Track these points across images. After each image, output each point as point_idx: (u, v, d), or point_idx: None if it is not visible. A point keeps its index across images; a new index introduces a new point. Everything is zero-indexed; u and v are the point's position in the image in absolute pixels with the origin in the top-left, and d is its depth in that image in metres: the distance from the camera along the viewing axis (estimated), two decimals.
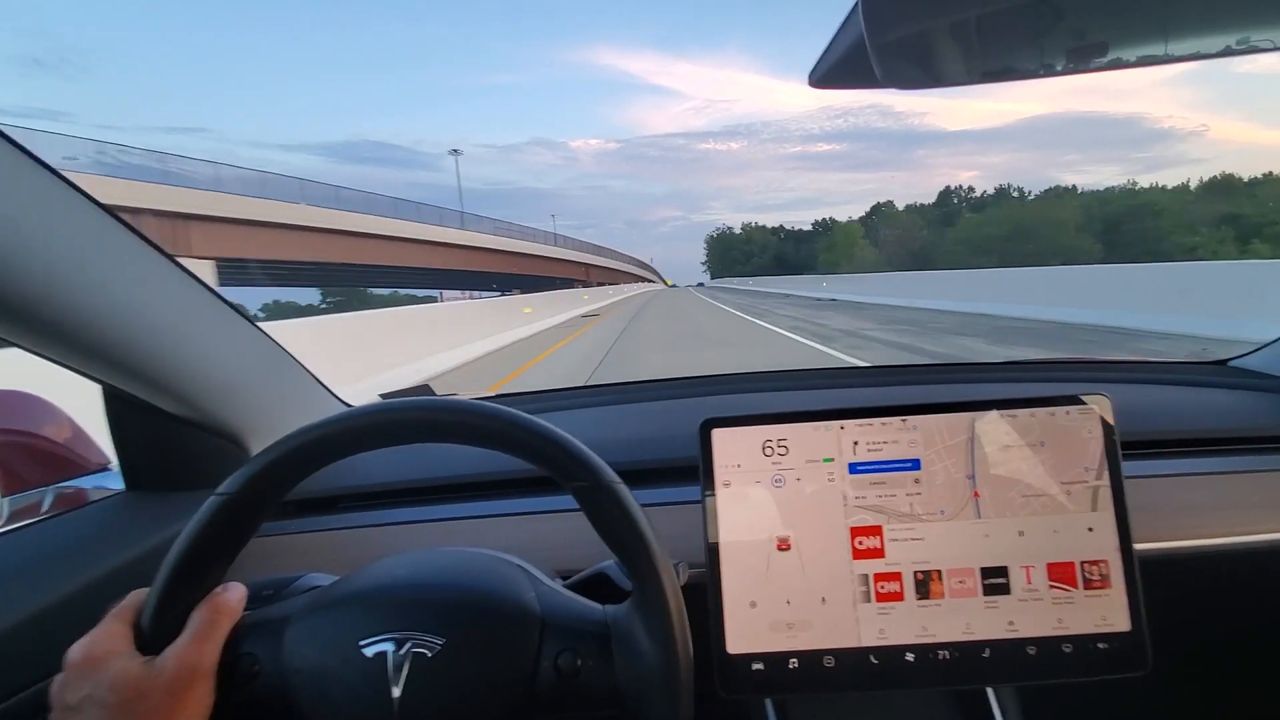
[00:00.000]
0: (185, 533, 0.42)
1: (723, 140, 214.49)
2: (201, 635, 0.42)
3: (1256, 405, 0.84)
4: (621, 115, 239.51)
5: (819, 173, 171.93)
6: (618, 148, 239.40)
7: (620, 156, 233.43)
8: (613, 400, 1.02)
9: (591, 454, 0.44)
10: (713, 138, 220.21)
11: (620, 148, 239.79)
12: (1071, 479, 0.56)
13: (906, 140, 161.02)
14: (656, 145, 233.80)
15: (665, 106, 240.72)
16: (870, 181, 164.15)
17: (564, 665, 0.43)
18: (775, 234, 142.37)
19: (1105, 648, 0.53)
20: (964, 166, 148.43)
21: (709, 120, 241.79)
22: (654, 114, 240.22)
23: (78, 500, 0.77)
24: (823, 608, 0.55)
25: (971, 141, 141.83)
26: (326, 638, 0.43)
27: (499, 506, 0.73)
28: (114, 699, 0.39)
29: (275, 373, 0.78)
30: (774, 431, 0.57)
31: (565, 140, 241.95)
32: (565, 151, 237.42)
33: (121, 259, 0.57)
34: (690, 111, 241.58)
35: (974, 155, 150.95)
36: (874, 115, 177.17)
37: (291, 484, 0.45)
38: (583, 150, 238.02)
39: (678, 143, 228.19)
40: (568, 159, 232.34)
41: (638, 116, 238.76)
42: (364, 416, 0.44)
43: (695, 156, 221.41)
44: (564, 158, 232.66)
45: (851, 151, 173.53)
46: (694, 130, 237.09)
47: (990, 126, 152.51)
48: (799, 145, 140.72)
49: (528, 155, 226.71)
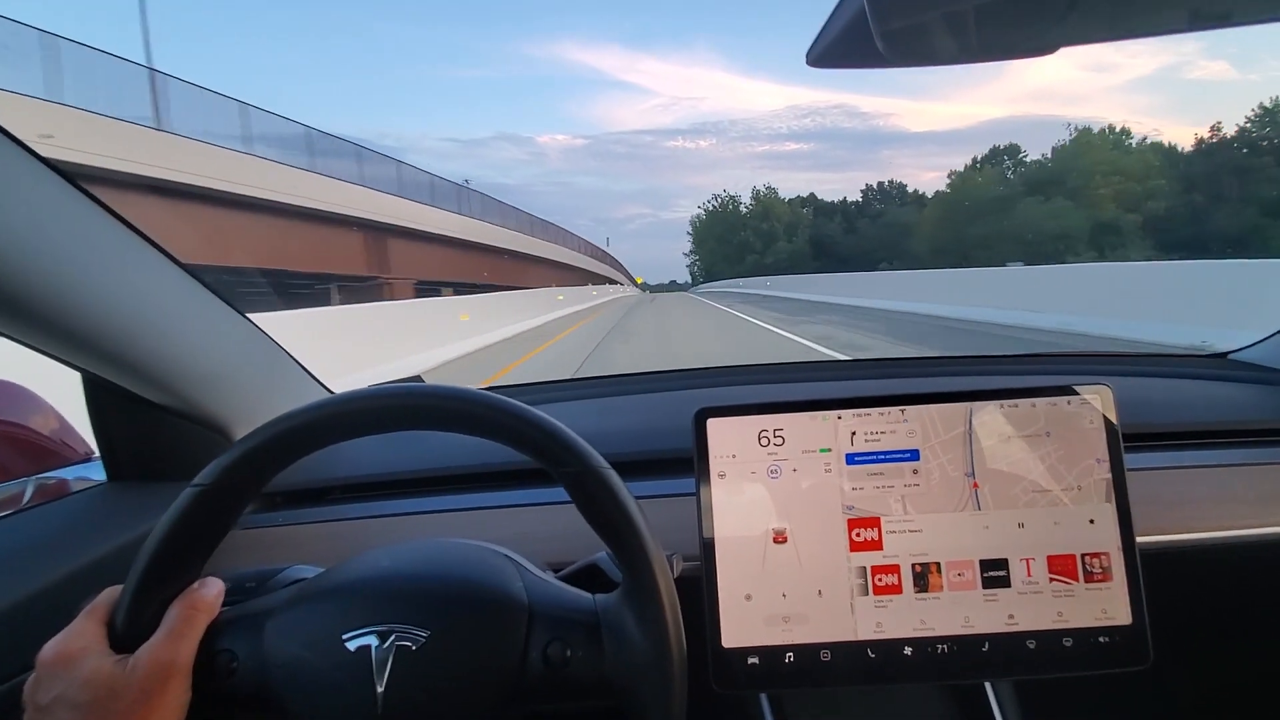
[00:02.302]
0: (159, 526, 0.41)
1: (691, 138, 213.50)
2: (176, 633, 0.40)
3: (1257, 398, 0.83)
4: (589, 111, 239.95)
5: (786, 172, 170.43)
6: (585, 144, 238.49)
7: (588, 153, 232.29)
8: (606, 392, 1.00)
9: (578, 439, 0.43)
10: (681, 135, 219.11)
11: (588, 144, 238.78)
12: (1073, 471, 0.55)
13: (873, 140, 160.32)
14: (624, 142, 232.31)
15: (633, 103, 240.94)
16: (837, 181, 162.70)
17: (553, 655, 0.42)
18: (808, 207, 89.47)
19: (1106, 641, 0.52)
20: (928, 168, 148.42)
21: (677, 118, 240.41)
22: (622, 110, 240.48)
23: (59, 491, 0.76)
24: (819, 601, 0.54)
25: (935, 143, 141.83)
26: (308, 632, 0.42)
27: (491, 499, 0.72)
28: (86, 698, 0.38)
29: (261, 361, 0.77)
30: (770, 421, 0.56)
31: (532, 135, 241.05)
32: (532, 147, 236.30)
33: (102, 242, 0.55)
34: (658, 109, 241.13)
35: (937, 156, 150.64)
36: (840, 115, 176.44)
37: (272, 474, 0.43)
38: (550, 146, 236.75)
39: (646, 139, 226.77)
40: (534, 155, 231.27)
41: (605, 113, 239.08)
42: (345, 403, 0.43)
43: (663, 154, 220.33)
44: (530, 153, 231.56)
45: (818, 151, 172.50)
46: (662, 127, 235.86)
47: (953, 128, 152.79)
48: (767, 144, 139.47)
49: (493, 150, 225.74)
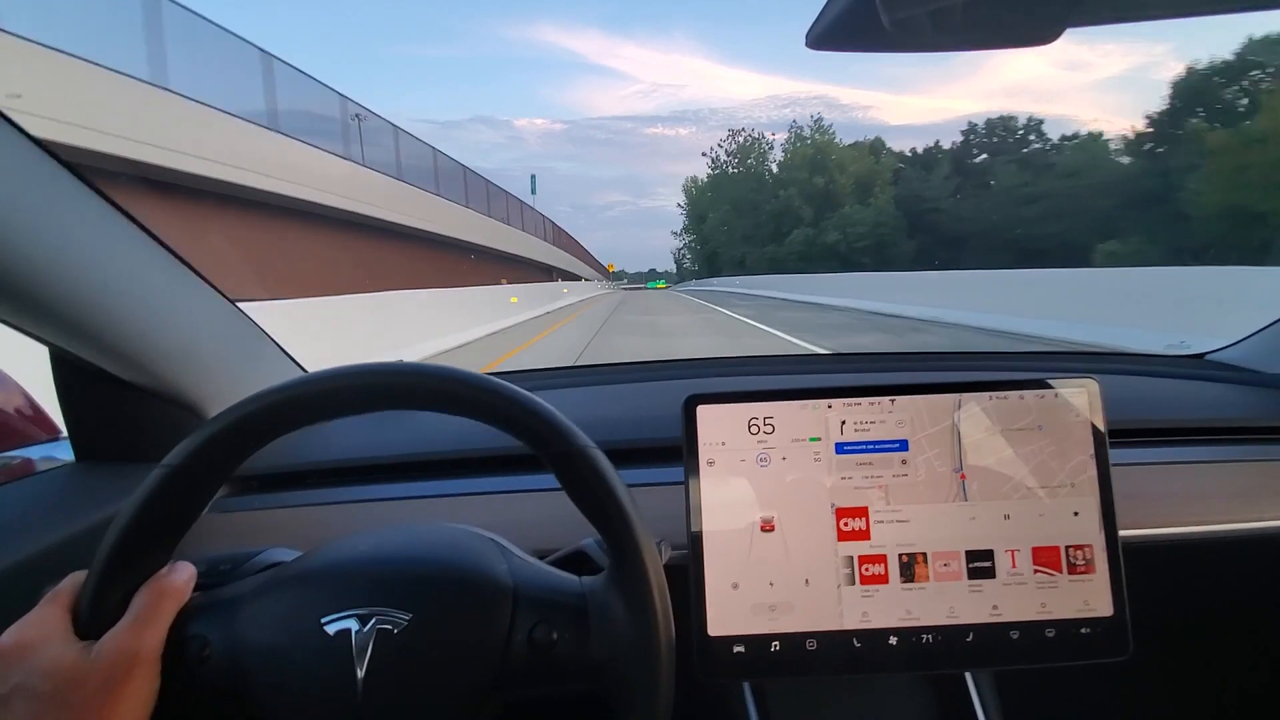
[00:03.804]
0: (126, 509, 0.39)
1: (671, 125, 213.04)
2: (143, 619, 0.39)
3: (1232, 397, 0.85)
4: (567, 96, 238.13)
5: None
6: (563, 129, 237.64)
7: (566, 138, 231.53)
8: (597, 381, 0.99)
9: (564, 418, 0.42)
10: (661, 123, 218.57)
11: (566, 129, 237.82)
12: (1058, 463, 0.55)
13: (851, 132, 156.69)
14: (603, 128, 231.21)
15: (612, 89, 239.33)
16: None
17: (539, 638, 0.41)
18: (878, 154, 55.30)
19: (1087, 632, 0.53)
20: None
21: (657, 105, 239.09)
22: (600, 96, 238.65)
23: (24, 471, 0.73)
24: (806, 590, 0.54)
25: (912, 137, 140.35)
26: (284, 616, 0.41)
27: (478, 485, 0.71)
28: (47, 688, 0.36)
29: (237, 340, 0.74)
30: (760, 409, 0.56)
31: (509, 119, 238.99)
32: (509, 130, 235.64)
33: (68, 211, 0.53)
34: (638, 95, 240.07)
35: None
36: (820, 106, 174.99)
37: (244, 455, 0.42)
38: (527, 130, 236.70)
39: (625, 126, 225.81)
40: (512, 138, 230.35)
41: (583, 98, 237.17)
42: (322, 382, 0.41)
43: (643, 141, 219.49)
44: (508, 137, 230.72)
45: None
46: (642, 114, 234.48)
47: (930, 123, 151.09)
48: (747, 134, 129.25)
49: (470, 133, 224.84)
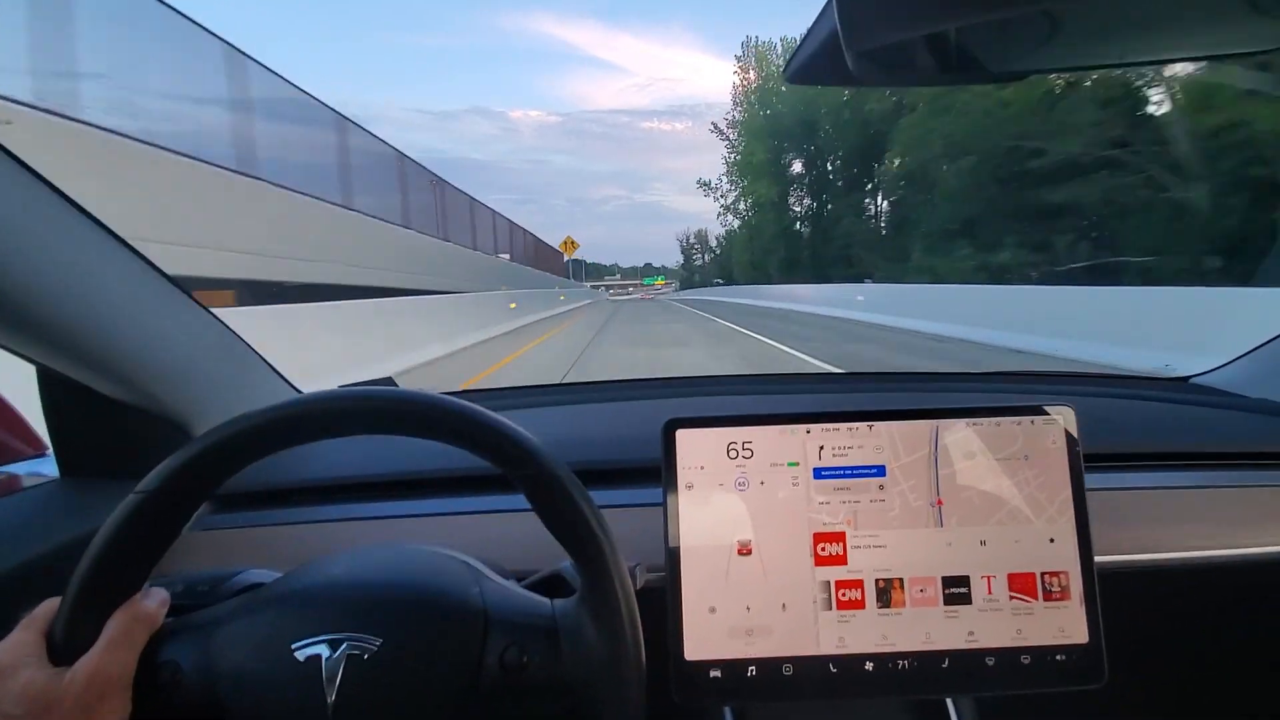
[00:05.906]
0: (101, 534, 0.39)
1: (667, 120, 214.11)
2: (115, 644, 0.39)
3: (1217, 421, 0.85)
4: (562, 88, 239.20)
5: None
6: (559, 121, 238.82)
7: (561, 131, 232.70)
8: (575, 400, 1.00)
9: (533, 440, 0.43)
10: (657, 117, 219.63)
11: (561, 121, 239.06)
12: (1034, 490, 0.55)
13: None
14: (599, 121, 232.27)
15: (608, 82, 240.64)
16: None
17: (509, 661, 0.41)
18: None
19: (1063, 659, 0.53)
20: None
21: (653, 99, 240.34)
22: (596, 89, 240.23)
23: (9, 487, 0.73)
24: (783, 614, 0.54)
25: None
26: (256, 641, 0.41)
27: (458, 504, 0.71)
28: (20, 712, 0.37)
29: (225, 357, 0.75)
30: (739, 434, 0.56)
31: (505, 110, 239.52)
32: (505, 122, 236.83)
33: (55, 230, 0.53)
34: (634, 88, 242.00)
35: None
36: None
37: (220, 480, 0.42)
38: (523, 121, 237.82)
39: (621, 119, 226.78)
40: (507, 130, 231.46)
41: (579, 90, 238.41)
42: (300, 406, 0.42)
43: (639, 135, 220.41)
44: (503, 128, 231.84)
45: None
46: (638, 108, 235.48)
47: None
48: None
49: (465, 124, 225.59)
